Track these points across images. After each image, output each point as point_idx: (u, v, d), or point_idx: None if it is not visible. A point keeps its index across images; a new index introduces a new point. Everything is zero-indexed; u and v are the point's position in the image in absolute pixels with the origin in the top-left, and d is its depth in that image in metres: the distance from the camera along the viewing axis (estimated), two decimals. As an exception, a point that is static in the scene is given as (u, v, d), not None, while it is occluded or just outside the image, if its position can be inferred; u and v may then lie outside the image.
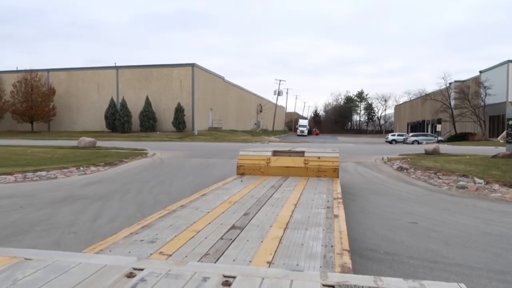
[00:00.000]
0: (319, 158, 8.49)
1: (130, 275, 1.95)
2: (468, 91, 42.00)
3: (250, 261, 2.65)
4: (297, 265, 2.61)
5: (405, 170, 13.17)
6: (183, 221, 3.83)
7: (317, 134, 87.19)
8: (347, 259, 2.68)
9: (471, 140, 41.82)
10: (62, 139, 35.86)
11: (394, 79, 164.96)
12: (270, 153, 8.88)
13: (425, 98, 49.76)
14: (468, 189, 9.97)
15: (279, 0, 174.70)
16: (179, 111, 42.38)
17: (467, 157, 15.31)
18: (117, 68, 46.47)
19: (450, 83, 54.69)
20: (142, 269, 2.02)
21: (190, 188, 9.12)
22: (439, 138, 47.15)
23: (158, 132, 42.42)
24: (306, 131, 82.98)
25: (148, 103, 42.91)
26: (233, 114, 60.78)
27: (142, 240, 3.11)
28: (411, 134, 49.37)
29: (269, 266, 2.55)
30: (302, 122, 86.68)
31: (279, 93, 79.32)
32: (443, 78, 51.98)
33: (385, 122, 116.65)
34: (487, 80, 40.16)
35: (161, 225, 3.67)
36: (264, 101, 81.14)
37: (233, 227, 3.63)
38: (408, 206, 8.05)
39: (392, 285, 1.80)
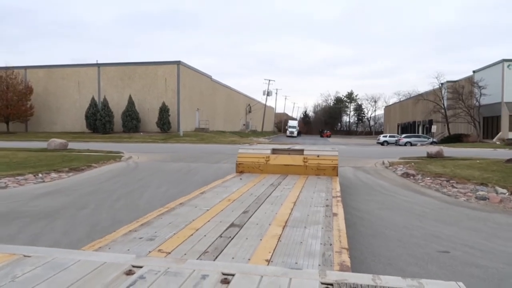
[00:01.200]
0: (318, 156, 8.38)
1: (129, 273, 1.94)
2: (462, 91, 40.89)
3: (249, 259, 2.64)
4: (296, 263, 2.60)
5: (411, 177, 11.69)
6: (182, 218, 3.81)
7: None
8: (345, 257, 2.65)
9: (465, 141, 40.79)
10: (38, 140, 33.70)
11: (383, 80, 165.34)
12: (269, 151, 8.79)
13: (418, 98, 48.52)
14: (490, 201, 8.51)
15: (266, 1, 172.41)
16: (163, 111, 40.44)
17: (478, 161, 13.89)
18: (98, 65, 44.32)
19: (442, 83, 53.87)
20: (141, 267, 2.01)
21: (162, 201, 7.44)
22: (433, 139, 46.15)
23: (141, 133, 40.44)
24: (296, 132, 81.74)
25: (131, 102, 40.86)
26: (221, 115, 59.00)
27: (141, 238, 3.09)
28: (403, 135, 48.29)
29: (268, 264, 2.56)
30: (291, 123, 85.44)
31: (269, 93, 77.84)
32: (436, 77, 50.46)
33: (375, 123, 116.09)
34: (482, 80, 39.09)
35: (160, 222, 3.64)
36: (253, 102, 79.51)
37: (232, 225, 3.61)
38: (428, 225, 6.52)
39: (390, 284, 1.79)
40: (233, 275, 1.88)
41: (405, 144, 45.67)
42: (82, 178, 11.44)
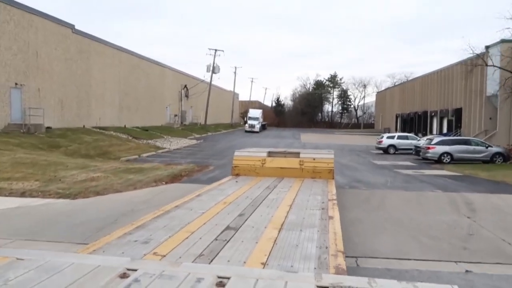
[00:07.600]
0: (314, 159, 8.43)
1: (124, 276, 1.93)
2: None
3: (245, 262, 2.70)
4: (292, 266, 2.67)
5: None
6: (177, 221, 3.84)
7: None
8: (341, 261, 2.71)
9: None
10: None
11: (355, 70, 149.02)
12: (265, 154, 8.78)
13: (474, 64, 24.55)
14: None
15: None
16: None
17: None
18: None
19: (488, 46, 30.73)
20: (135, 270, 1.99)
21: None
22: (496, 148, 23.01)
23: None
24: (257, 126, 58.73)
25: None
26: (112, 99, 34.44)
27: (136, 241, 3.11)
28: (436, 138, 24.80)
29: (263, 267, 2.60)
30: (252, 113, 62.36)
31: (214, 70, 53.23)
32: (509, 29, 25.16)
33: (364, 113, 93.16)
34: None
35: (155, 225, 3.68)
36: (195, 81, 54.92)
37: (227, 228, 3.68)
38: None
39: (385, 287, 1.81)
40: (228, 278, 1.91)
41: (440, 158, 22.45)
42: None
